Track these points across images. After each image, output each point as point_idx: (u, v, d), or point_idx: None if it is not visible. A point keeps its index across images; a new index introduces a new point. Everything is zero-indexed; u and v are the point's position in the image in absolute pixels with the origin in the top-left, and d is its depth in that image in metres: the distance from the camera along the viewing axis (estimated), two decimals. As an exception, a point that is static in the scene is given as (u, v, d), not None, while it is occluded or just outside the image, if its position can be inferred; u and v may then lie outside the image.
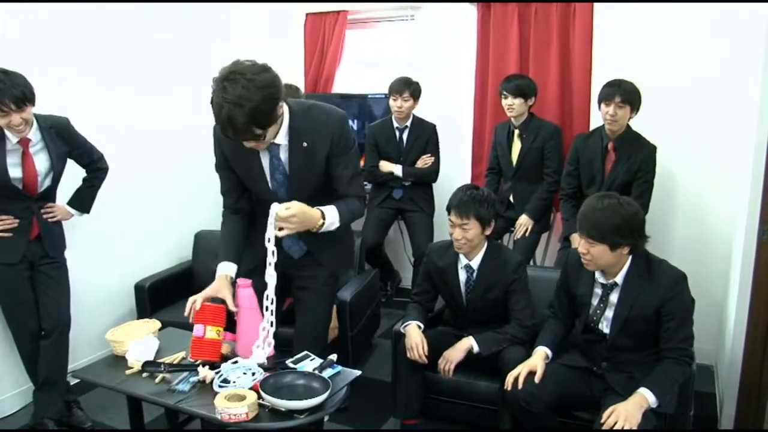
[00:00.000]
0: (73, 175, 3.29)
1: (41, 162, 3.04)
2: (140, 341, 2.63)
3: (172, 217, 4.35)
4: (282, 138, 2.41)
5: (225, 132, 2.19)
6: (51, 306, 3.17)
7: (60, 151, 3.11)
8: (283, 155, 2.46)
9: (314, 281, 2.74)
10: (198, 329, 2.48)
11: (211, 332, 2.48)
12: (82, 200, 3.37)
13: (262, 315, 2.53)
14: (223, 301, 2.48)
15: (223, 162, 2.57)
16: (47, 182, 3.10)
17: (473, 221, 2.90)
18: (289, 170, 2.47)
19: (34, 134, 2.98)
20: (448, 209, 2.98)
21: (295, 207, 2.31)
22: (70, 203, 3.33)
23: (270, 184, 2.51)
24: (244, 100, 2.08)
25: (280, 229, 2.32)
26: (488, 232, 2.98)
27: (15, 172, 2.97)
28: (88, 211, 3.40)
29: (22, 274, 3.11)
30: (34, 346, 3.17)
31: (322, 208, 2.40)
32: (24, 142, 2.96)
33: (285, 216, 2.29)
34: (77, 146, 3.21)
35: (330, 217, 2.42)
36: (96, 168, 3.35)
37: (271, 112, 2.19)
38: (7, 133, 2.89)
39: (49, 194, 3.17)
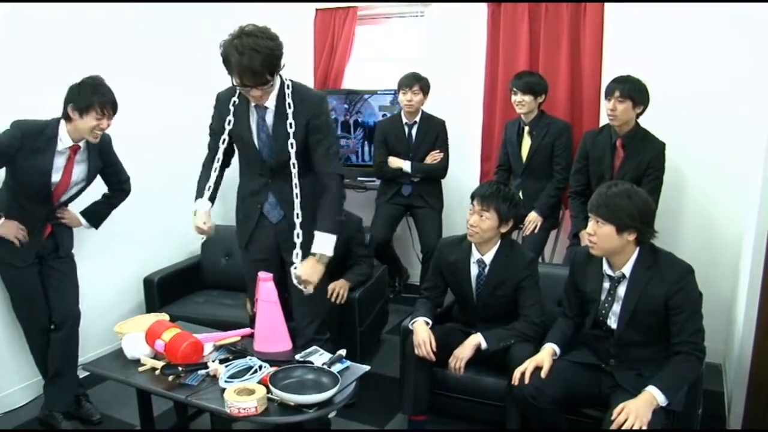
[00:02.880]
0: (93, 189, 3.31)
1: (79, 172, 3.10)
2: (134, 334, 2.64)
3: (180, 212, 4.34)
4: (271, 102, 2.75)
5: (243, 77, 2.55)
6: (61, 300, 3.19)
7: (96, 166, 3.18)
8: (269, 118, 2.78)
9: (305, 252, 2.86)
10: (158, 345, 2.49)
11: (168, 334, 2.49)
12: (97, 215, 3.39)
13: (282, 310, 2.59)
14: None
15: (219, 126, 2.86)
16: (72, 192, 3.15)
17: (492, 213, 2.93)
18: (272, 131, 2.78)
19: (83, 143, 3.05)
20: (472, 197, 3.01)
21: (307, 267, 2.72)
22: (84, 214, 3.34)
23: (256, 143, 2.82)
24: (260, 47, 2.51)
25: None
26: (504, 229, 2.99)
27: (54, 176, 3.02)
28: (97, 227, 3.41)
29: (32, 271, 3.13)
30: (44, 341, 3.20)
31: (316, 247, 2.75)
32: (74, 149, 3.02)
33: (300, 277, 2.70)
34: (111, 164, 3.27)
35: (326, 242, 2.75)
36: (120, 189, 3.40)
37: (278, 60, 2.60)
38: (61, 134, 2.96)
39: (67, 204, 3.22)
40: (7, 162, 2.93)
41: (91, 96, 2.89)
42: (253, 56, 2.50)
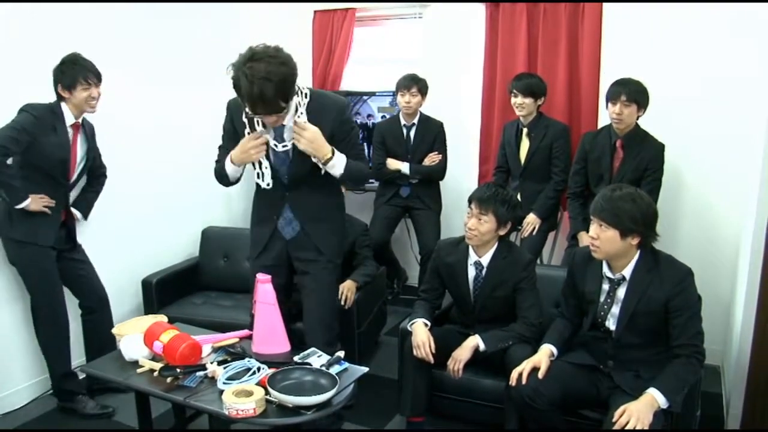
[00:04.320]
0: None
1: (80, 151, 3.23)
2: (132, 336, 2.63)
3: (179, 213, 4.36)
4: (289, 119, 2.61)
5: (255, 107, 2.42)
6: (89, 284, 3.41)
7: (90, 147, 3.30)
8: (287, 135, 2.66)
9: (316, 265, 2.86)
10: (156, 347, 2.49)
11: (167, 336, 2.49)
12: (85, 204, 3.42)
13: (281, 312, 2.60)
14: None
15: (233, 134, 2.75)
16: (78, 171, 3.25)
17: (491, 216, 2.93)
18: (291, 146, 2.67)
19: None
20: (470, 200, 3.00)
21: (313, 127, 2.57)
22: (74, 206, 3.37)
23: (272, 159, 2.71)
24: (272, 75, 2.33)
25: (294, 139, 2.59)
26: (502, 232, 2.99)
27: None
28: (86, 218, 3.44)
29: (53, 261, 3.21)
30: (59, 339, 3.26)
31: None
32: (76, 127, 3.16)
33: (302, 126, 2.55)
34: (93, 148, 3.34)
35: (339, 157, 2.64)
36: (100, 173, 3.46)
37: (292, 85, 2.45)
38: (66, 112, 3.10)
39: (75, 185, 3.30)
40: (30, 142, 2.99)
41: (73, 70, 3.07)
42: (264, 85, 2.32)
